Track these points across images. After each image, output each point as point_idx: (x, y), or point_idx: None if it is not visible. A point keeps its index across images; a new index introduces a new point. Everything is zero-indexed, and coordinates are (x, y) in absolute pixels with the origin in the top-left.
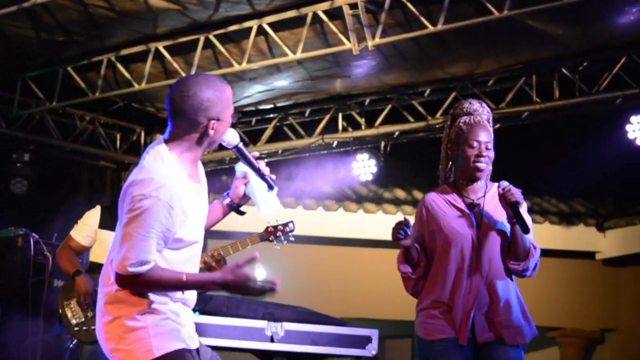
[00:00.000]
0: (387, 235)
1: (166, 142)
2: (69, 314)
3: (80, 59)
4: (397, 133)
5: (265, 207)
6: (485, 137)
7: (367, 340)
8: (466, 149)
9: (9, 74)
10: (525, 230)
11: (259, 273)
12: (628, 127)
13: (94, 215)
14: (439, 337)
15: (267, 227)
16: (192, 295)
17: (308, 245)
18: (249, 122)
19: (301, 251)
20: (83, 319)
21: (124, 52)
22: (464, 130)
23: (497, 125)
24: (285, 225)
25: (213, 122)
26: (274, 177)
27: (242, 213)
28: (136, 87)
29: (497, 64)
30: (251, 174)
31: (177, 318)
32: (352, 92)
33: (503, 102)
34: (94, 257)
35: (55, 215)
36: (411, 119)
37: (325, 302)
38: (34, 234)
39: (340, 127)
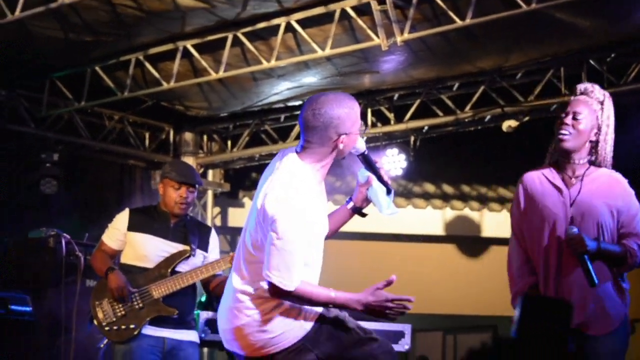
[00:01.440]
0: (417, 230)
1: (298, 154)
2: (100, 315)
3: (109, 58)
4: (426, 127)
5: (386, 209)
6: (574, 106)
7: (400, 335)
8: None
9: (37, 75)
10: (591, 283)
11: None
12: None
13: (122, 218)
14: None
15: None
16: None
17: (339, 241)
18: (278, 118)
19: (332, 247)
20: (114, 319)
21: (152, 51)
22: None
23: (527, 118)
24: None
25: (343, 137)
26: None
27: (364, 215)
28: (165, 85)
29: (525, 57)
30: (373, 179)
31: None
32: (380, 87)
33: (532, 95)
34: (125, 258)
35: (85, 214)
36: (440, 113)
37: None
38: (65, 235)
39: (369, 122)
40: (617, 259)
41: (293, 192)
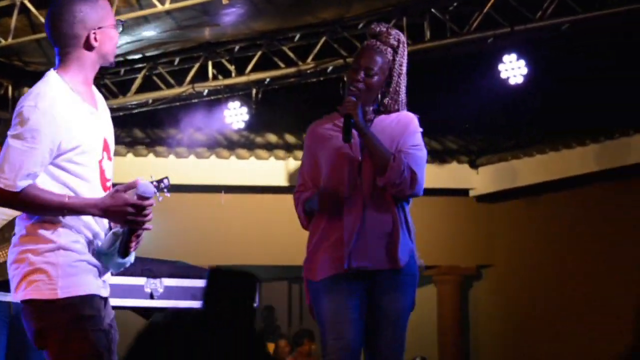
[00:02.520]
0: (260, 181)
1: (55, 71)
2: None
3: None
4: (268, 79)
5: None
6: (367, 60)
7: None
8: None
9: None
10: (346, 139)
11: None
12: (501, 67)
13: None
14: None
15: None
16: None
17: (183, 194)
18: (118, 72)
19: (175, 200)
20: None
21: None
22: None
23: None
24: (160, 181)
25: (93, 32)
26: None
27: None
28: (2, 42)
29: (367, 8)
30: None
31: (92, 260)
32: (221, 40)
33: None
34: None
35: None
36: (282, 65)
37: (201, 251)
38: None
39: (210, 75)
40: (382, 156)
41: (40, 93)
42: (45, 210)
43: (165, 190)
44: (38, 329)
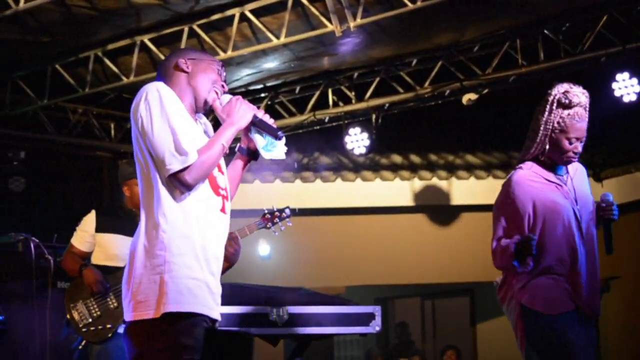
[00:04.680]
0: (387, 202)
1: None
2: (76, 316)
3: (68, 56)
4: (387, 105)
5: (266, 150)
6: (582, 131)
7: (371, 317)
8: (563, 142)
9: None
10: (609, 250)
11: (264, 249)
12: (614, 85)
13: (90, 220)
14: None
15: (264, 214)
16: (214, 260)
17: (311, 217)
18: None
19: (305, 224)
20: (90, 320)
21: (111, 46)
22: (567, 123)
23: (485, 91)
24: (281, 211)
25: (182, 60)
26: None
27: (257, 157)
28: (125, 80)
29: (481, 31)
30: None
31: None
32: (340, 68)
33: (489, 68)
34: (96, 259)
35: (54, 212)
36: (400, 90)
37: (330, 273)
38: (33, 238)
39: (330, 102)
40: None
41: (157, 89)
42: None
43: (287, 219)
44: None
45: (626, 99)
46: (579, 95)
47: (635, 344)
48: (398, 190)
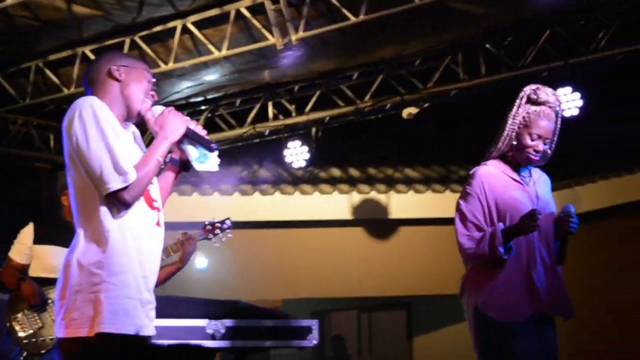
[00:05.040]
0: (325, 215)
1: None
2: (17, 327)
3: (8, 66)
4: (327, 118)
5: (199, 162)
6: (548, 131)
7: (308, 331)
8: (525, 137)
9: None
10: (561, 261)
11: (201, 262)
12: None
13: (27, 232)
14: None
15: (205, 226)
16: (151, 275)
17: (249, 230)
18: None
19: (243, 236)
20: (31, 331)
21: (52, 57)
22: (531, 119)
23: (426, 105)
24: (222, 222)
25: (115, 67)
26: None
27: (188, 169)
28: (65, 92)
29: (423, 45)
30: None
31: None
32: (280, 81)
33: (430, 82)
34: (33, 272)
35: None
36: (341, 104)
37: (270, 287)
38: None
39: (271, 115)
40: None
41: (91, 105)
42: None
43: (227, 230)
44: None
45: (568, 114)
46: (549, 95)
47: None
48: (336, 203)
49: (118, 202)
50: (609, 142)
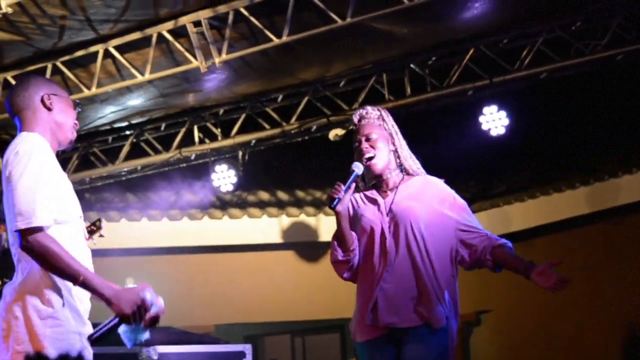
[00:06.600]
0: (253, 239)
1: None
2: None
3: None
4: (253, 141)
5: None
6: (362, 131)
7: (242, 355)
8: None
9: None
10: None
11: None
12: (482, 119)
13: None
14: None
15: None
16: (87, 305)
17: (176, 255)
18: (105, 140)
19: (170, 262)
20: None
21: None
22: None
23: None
24: (92, 223)
25: (46, 96)
26: None
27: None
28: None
29: (347, 66)
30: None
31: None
32: (205, 104)
33: (356, 102)
34: None
35: None
36: (267, 126)
37: (198, 311)
38: None
39: (196, 139)
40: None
41: (27, 142)
42: (59, 269)
43: (100, 231)
44: None
45: (494, 132)
46: (362, 110)
47: None
48: (266, 227)
49: (21, 239)
50: (537, 160)
